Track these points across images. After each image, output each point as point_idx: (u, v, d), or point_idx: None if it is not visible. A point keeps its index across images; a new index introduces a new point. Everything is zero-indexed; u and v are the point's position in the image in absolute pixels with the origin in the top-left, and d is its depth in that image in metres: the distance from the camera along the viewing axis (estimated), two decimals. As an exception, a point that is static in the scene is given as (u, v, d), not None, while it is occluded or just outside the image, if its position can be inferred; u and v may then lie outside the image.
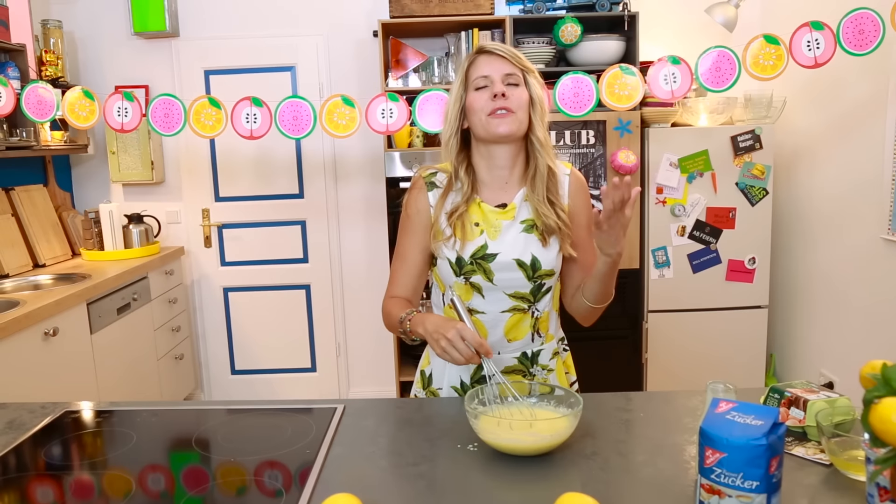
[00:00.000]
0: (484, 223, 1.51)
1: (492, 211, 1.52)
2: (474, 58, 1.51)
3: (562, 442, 1.21)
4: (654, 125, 3.39)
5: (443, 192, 1.55)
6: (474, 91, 1.49)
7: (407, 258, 1.57)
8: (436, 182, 1.57)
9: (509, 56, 1.48)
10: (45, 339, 2.54)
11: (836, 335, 3.22)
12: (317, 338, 4.14)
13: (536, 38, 3.46)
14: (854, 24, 2.50)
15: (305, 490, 1.12)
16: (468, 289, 1.52)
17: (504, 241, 1.50)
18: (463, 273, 1.50)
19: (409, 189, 1.60)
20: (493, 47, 1.49)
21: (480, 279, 1.50)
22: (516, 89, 1.47)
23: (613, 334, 3.43)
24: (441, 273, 1.55)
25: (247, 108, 2.75)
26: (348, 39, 3.87)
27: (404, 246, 1.58)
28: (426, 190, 1.56)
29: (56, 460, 1.29)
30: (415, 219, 1.56)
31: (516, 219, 1.52)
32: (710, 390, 1.19)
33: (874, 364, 0.93)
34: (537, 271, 1.50)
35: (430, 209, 1.55)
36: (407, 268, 1.57)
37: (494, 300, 1.51)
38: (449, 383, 1.59)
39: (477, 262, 1.49)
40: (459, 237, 1.50)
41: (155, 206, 3.95)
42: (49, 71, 3.41)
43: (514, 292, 1.51)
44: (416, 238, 1.56)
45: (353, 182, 4.00)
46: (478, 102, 1.47)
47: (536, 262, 1.49)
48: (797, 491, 1.07)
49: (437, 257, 1.54)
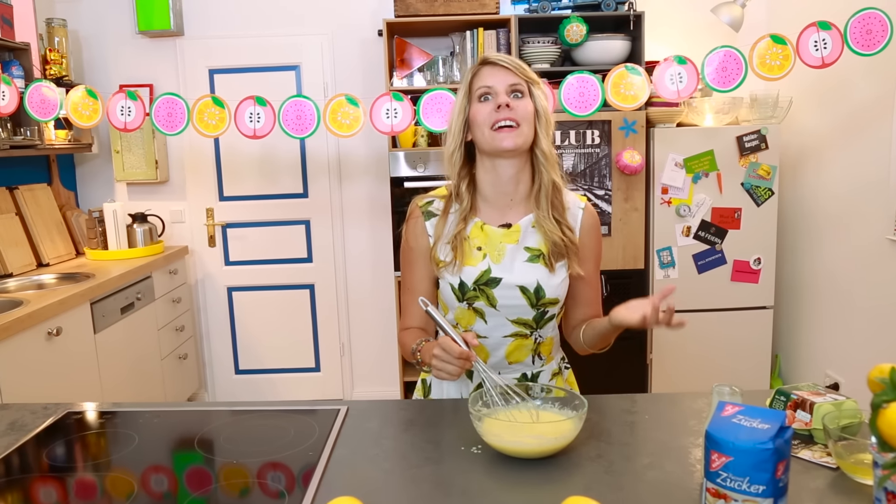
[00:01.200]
0: (487, 246, 1.48)
1: (494, 232, 1.49)
2: (478, 69, 1.47)
3: (566, 445, 1.20)
4: (659, 125, 3.38)
5: (440, 216, 1.52)
6: (478, 102, 1.45)
7: (414, 289, 1.54)
8: (432, 210, 1.54)
9: (513, 67, 1.44)
10: (48, 339, 2.54)
11: (842, 336, 3.20)
12: (321, 338, 4.13)
13: (542, 38, 3.45)
14: (862, 24, 2.48)
15: (308, 492, 1.11)
16: (471, 313, 1.49)
17: (507, 265, 1.47)
18: (466, 298, 1.48)
19: (406, 220, 1.58)
20: (496, 58, 1.45)
21: (483, 305, 1.47)
22: (521, 101, 1.43)
23: (618, 335, 3.41)
24: (444, 297, 1.53)
25: (250, 108, 2.75)
26: (353, 39, 3.87)
27: (409, 278, 1.56)
28: (423, 219, 1.53)
29: (58, 461, 1.29)
30: (415, 250, 1.54)
31: (520, 243, 1.48)
32: (716, 393, 1.18)
33: (882, 368, 0.92)
34: (541, 299, 1.47)
35: (430, 238, 1.52)
36: (415, 299, 1.52)
37: (497, 325, 1.50)
38: (448, 396, 1.59)
39: (480, 287, 1.46)
40: (459, 260, 1.47)
41: (159, 206, 3.95)
42: (53, 70, 3.41)
43: (516, 318, 1.49)
44: (418, 268, 1.54)
45: (357, 182, 4.00)
46: (481, 114, 1.43)
47: (541, 290, 1.46)
48: (803, 495, 1.06)
49: (440, 281, 1.52)
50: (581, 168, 3.37)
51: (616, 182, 3.39)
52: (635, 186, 3.39)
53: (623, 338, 1.59)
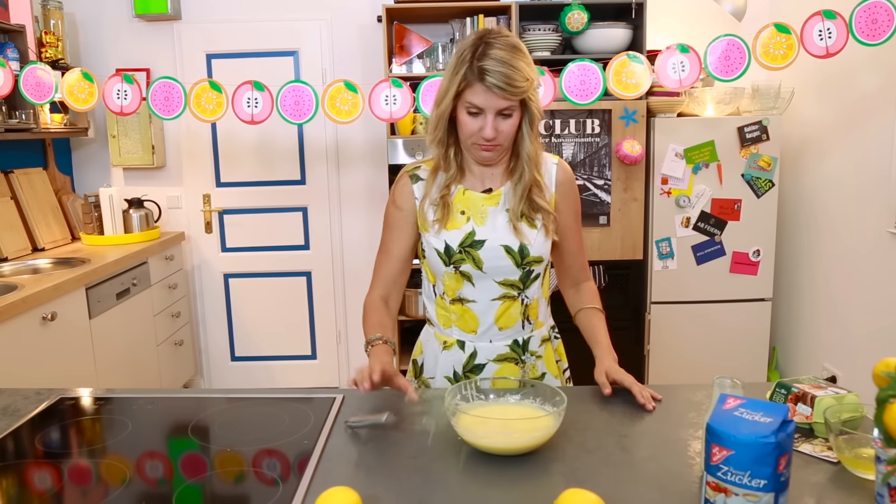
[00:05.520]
0: (470, 210, 1.52)
1: (477, 197, 1.52)
2: (472, 81, 1.37)
3: (542, 443, 1.18)
4: (660, 115, 3.35)
5: (427, 180, 1.55)
6: (465, 113, 1.42)
7: (391, 251, 1.58)
8: (419, 175, 1.57)
9: (507, 92, 1.36)
10: (43, 324, 2.52)
11: (840, 329, 3.20)
12: (317, 325, 4.12)
13: (542, 25, 3.41)
14: (867, 13, 2.46)
15: (303, 480, 1.11)
16: (458, 277, 1.52)
17: (491, 227, 1.50)
18: (452, 262, 1.51)
19: (394, 184, 1.61)
20: (492, 82, 1.35)
21: (470, 267, 1.50)
22: (507, 120, 1.42)
23: (616, 325, 3.35)
24: (431, 264, 1.56)
25: (248, 93, 2.72)
26: (352, 24, 3.83)
27: (387, 239, 1.59)
28: (411, 183, 1.57)
29: (52, 447, 1.27)
30: (399, 212, 1.57)
31: (501, 205, 1.52)
32: (717, 385, 1.17)
33: (888, 362, 0.90)
34: (525, 258, 1.50)
35: (416, 201, 1.56)
36: (389, 260, 1.58)
37: (484, 288, 1.52)
38: (442, 373, 1.59)
39: (465, 250, 1.50)
40: (445, 217, 1.50)
41: (155, 191, 3.93)
42: (49, 52, 3.38)
43: (503, 279, 1.52)
44: (399, 231, 1.57)
45: (355, 169, 3.97)
46: (466, 127, 1.43)
47: (524, 248, 1.49)
48: (804, 489, 1.05)
49: (426, 248, 1.55)
50: (580, 157, 3.34)
51: (616, 172, 3.37)
52: (635, 176, 3.38)
53: (621, 328, 1.59)
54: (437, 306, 1.59)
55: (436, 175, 1.54)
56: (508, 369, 1.56)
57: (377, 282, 1.60)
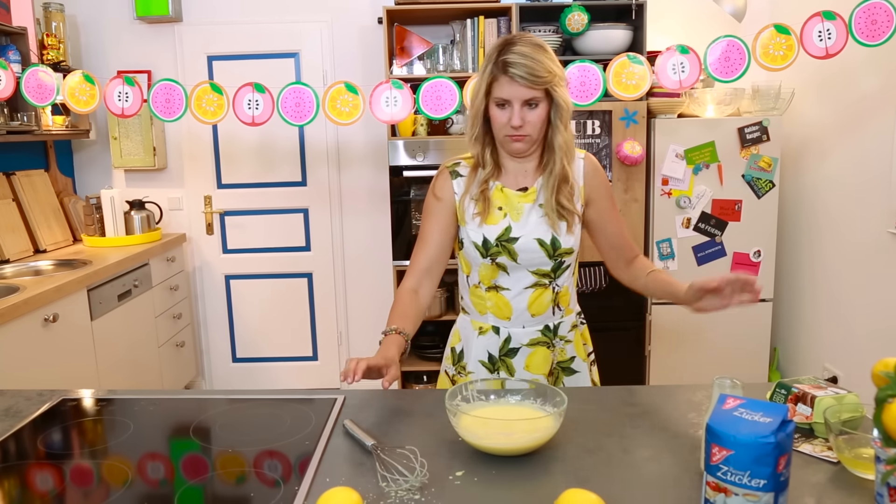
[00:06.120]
0: (507, 206, 1.60)
1: (514, 194, 1.61)
2: (499, 75, 1.48)
3: (543, 443, 1.18)
4: (660, 116, 3.36)
5: (467, 178, 1.63)
6: (495, 106, 1.52)
7: (428, 240, 1.64)
8: (459, 171, 1.65)
9: (531, 81, 1.46)
10: (44, 326, 2.53)
11: (841, 329, 3.20)
12: (318, 327, 4.13)
13: (543, 27, 3.42)
14: (866, 14, 2.46)
15: (304, 481, 1.11)
16: (494, 268, 1.61)
17: (526, 223, 1.59)
18: (489, 254, 1.60)
19: (434, 177, 1.69)
20: (514, 72, 1.46)
21: (505, 259, 1.59)
22: (534, 111, 1.50)
23: (617, 326, 3.41)
24: (468, 255, 1.64)
25: (249, 94, 2.72)
26: (353, 26, 3.84)
27: (426, 228, 1.66)
28: (451, 178, 1.65)
29: (54, 448, 1.28)
30: (438, 202, 1.64)
31: (536, 201, 1.60)
32: (717, 386, 1.17)
33: (887, 362, 0.91)
34: (557, 250, 1.58)
35: (455, 196, 1.63)
36: (426, 248, 1.64)
37: (518, 277, 1.61)
38: (476, 358, 1.66)
39: (502, 243, 1.58)
40: (483, 217, 1.59)
41: (157, 193, 3.93)
42: (51, 55, 3.38)
43: (536, 269, 1.60)
44: (437, 219, 1.64)
45: (356, 170, 3.98)
46: (497, 120, 1.53)
47: (556, 241, 1.58)
48: (804, 489, 1.05)
49: (464, 240, 1.63)
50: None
51: (616, 173, 3.37)
52: (635, 177, 3.38)
53: (622, 328, 1.61)
54: (472, 295, 1.67)
55: (475, 172, 1.63)
56: (541, 353, 1.63)
57: (411, 271, 1.66)
